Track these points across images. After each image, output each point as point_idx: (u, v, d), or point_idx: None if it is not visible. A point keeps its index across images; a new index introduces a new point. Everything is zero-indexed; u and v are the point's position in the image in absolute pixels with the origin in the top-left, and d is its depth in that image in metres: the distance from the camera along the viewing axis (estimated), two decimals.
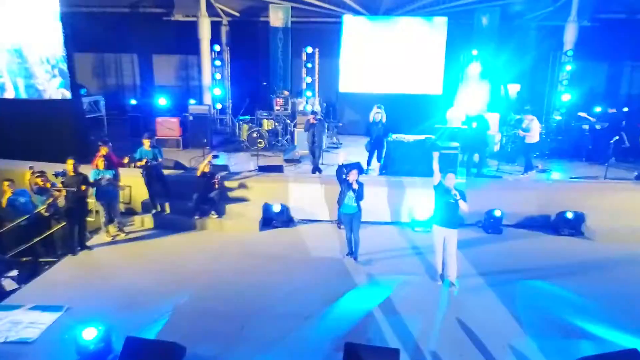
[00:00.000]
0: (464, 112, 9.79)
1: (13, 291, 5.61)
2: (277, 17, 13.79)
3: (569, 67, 12.23)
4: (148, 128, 11.68)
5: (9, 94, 8.64)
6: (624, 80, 15.81)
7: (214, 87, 13.41)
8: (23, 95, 8.60)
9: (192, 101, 12.35)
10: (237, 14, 15.35)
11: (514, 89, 16.14)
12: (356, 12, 13.64)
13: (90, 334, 3.77)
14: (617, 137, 8.54)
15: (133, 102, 12.89)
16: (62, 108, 8.72)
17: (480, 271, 5.76)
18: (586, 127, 10.40)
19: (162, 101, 11.18)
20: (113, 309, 4.55)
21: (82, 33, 10.41)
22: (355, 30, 13.02)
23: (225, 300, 5.04)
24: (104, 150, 6.24)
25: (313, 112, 9.29)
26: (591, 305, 5.06)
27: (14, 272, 6.06)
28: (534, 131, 8.58)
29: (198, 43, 14.35)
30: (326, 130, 10.85)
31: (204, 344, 4.17)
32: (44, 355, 4.04)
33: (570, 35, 13.38)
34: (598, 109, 11.08)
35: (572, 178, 8.25)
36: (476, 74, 11.87)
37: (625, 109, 11.23)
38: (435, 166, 5.38)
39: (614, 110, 10.09)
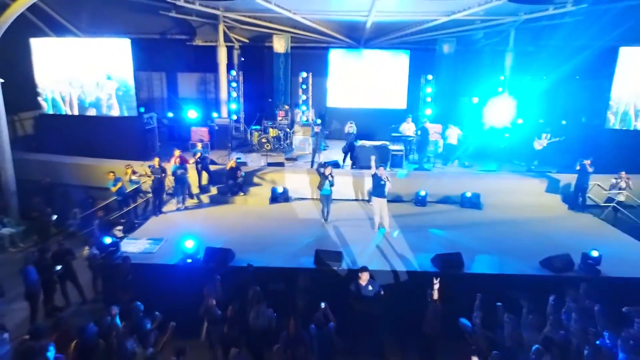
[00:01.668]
0: (413, 126, 13.81)
1: (121, 238, 9.66)
2: (279, 45, 17.71)
3: (500, 89, 16.26)
4: (182, 135, 15.76)
5: (115, 112, 12.80)
6: (559, 94, 19.85)
7: (230, 102, 17.45)
8: (125, 114, 12.77)
9: (215, 114, 16.41)
10: (246, 40, 19.40)
11: (474, 101, 20.20)
12: (343, 42, 17.69)
13: (190, 243, 7.83)
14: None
15: (170, 114, 16.92)
16: (132, 122, 12.87)
17: (404, 225, 9.77)
18: (507, 134, 14.42)
19: (192, 114, 15.17)
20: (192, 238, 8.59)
21: None
22: (339, 60, 17.13)
23: (251, 237, 9.07)
24: (178, 152, 10.32)
25: (317, 124, 13.22)
26: (467, 241, 8.99)
27: (120, 227, 10.15)
28: (450, 136, 12.71)
29: (215, 63, 18.26)
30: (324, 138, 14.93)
31: (243, 254, 8.19)
32: (165, 257, 8.09)
33: (508, 61, 17.43)
34: (519, 121, 15.12)
35: (480, 170, 12.34)
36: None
37: (541, 121, 15.32)
38: (372, 164, 9.39)
39: (521, 121, 14.16)
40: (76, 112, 13.11)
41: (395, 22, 15.83)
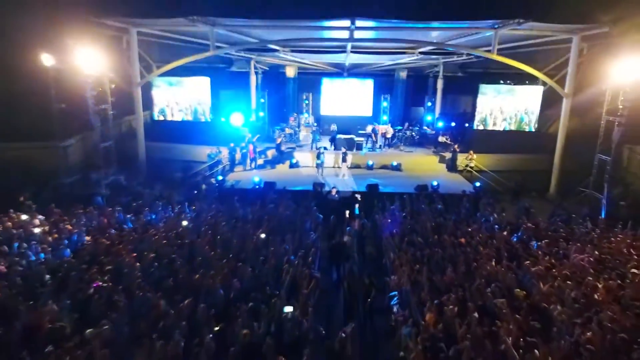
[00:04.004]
0: (371, 127, 24.40)
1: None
2: (290, 72, 28.42)
3: (429, 104, 26.93)
4: (227, 132, 26.31)
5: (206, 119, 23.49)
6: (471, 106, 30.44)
7: (258, 110, 28.04)
8: (201, 119, 23.47)
9: (251, 119, 27.08)
10: (267, 68, 30.17)
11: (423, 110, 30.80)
12: (333, 71, 28.37)
13: (256, 178, 18.44)
14: (418, 137, 23.32)
15: (222, 119, 27.50)
16: (208, 124, 23.53)
17: (358, 178, 20.30)
18: (432, 132, 25.00)
19: (238, 119, 25.63)
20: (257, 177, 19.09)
21: None
22: (328, 84, 27.88)
23: (283, 179, 19.52)
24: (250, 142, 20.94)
25: (314, 126, 23.86)
26: (387, 183, 19.49)
27: (212, 178, 20.70)
28: (388, 132, 23.34)
29: (245, 83, 28.90)
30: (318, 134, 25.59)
31: (280, 185, 18.74)
32: (244, 186, 18.69)
33: (439, 84, 28.04)
34: (440, 124, 25.72)
35: (405, 151, 22.96)
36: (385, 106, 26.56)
37: (453, 124, 25.93)
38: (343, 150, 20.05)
39: (441, 124, 24.83)
40: (178, 119, 23.81)
41: (363, 62, 26.52)
